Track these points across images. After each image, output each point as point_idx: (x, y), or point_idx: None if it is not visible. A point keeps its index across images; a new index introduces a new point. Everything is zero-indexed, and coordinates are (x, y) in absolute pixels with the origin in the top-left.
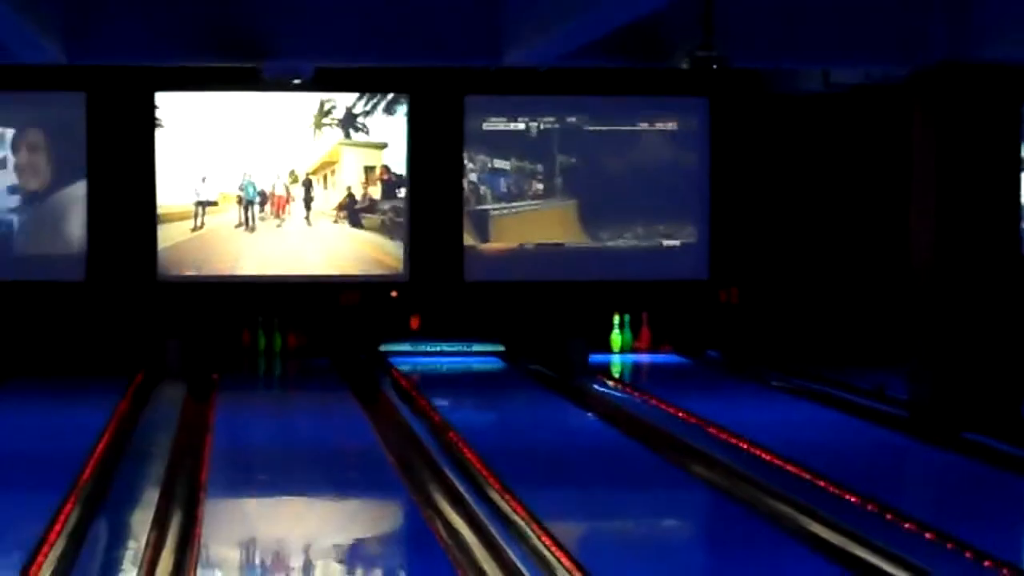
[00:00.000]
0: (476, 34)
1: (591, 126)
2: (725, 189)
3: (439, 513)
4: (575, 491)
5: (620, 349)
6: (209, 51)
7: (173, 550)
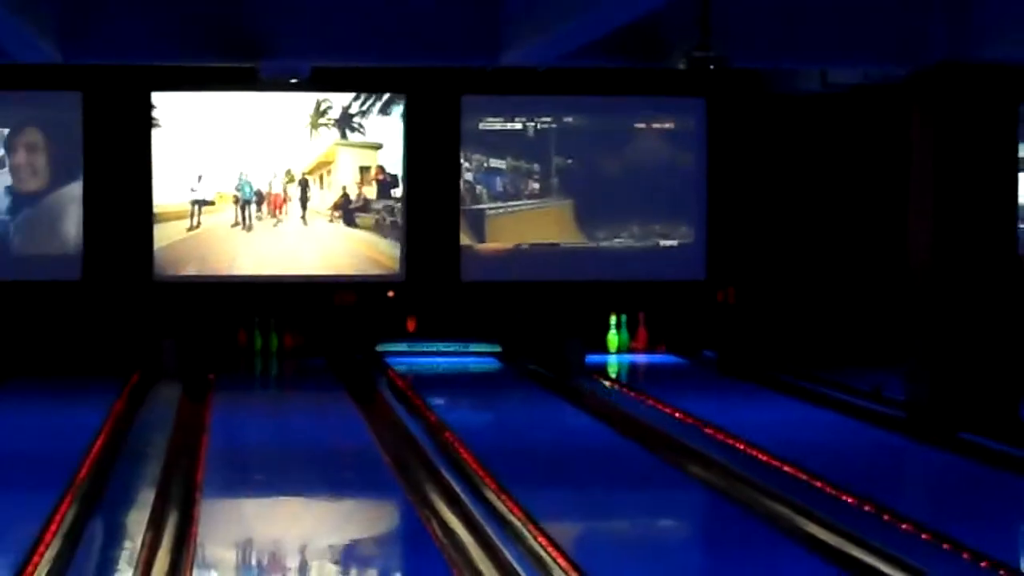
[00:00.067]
0: (473, 34)
1: (588, 126)
2: (722, 189)
3: (435, 513)
4: (572, 491)
5: (617, 349)
6: (206, 51)
7: (169, 550)
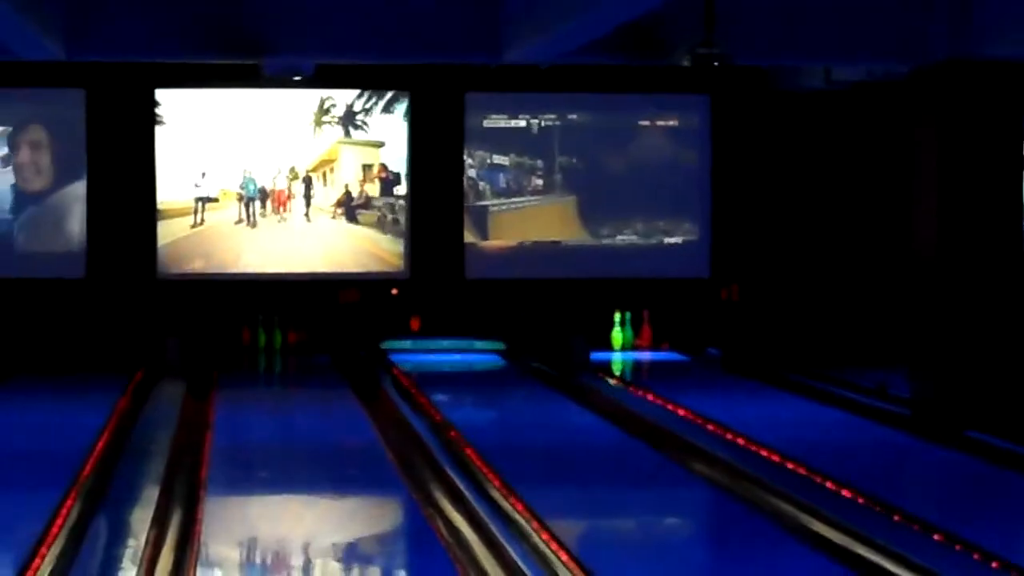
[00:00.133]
0: (477, 31)
1: (592, 123)
2: (726, 186)
3: (439, 511)
4: (576, 489)
5: (621, 347)
6: (210, 49)
7: (173, 548)
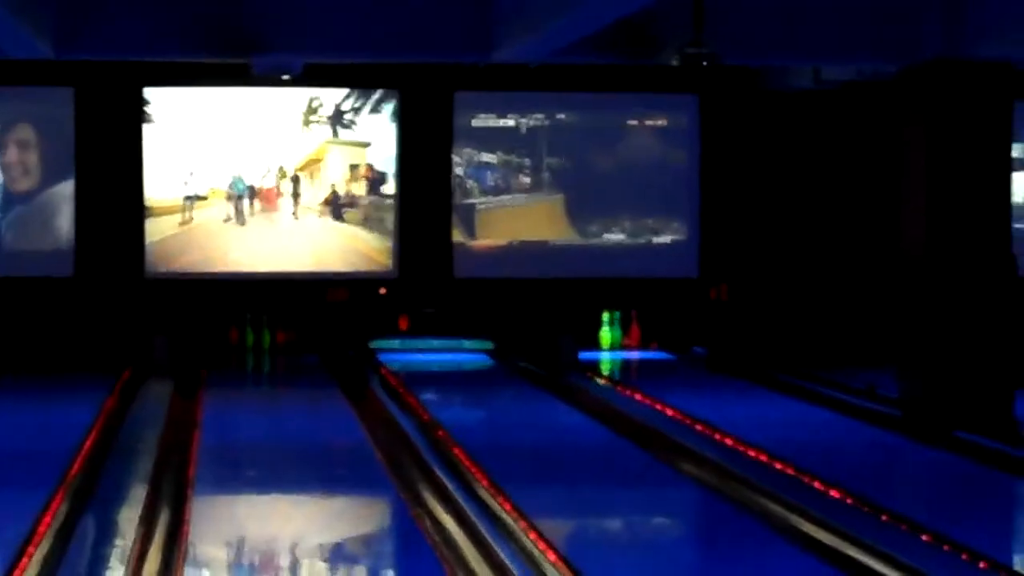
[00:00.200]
0: (465, 31)
1: (581, 123)
2: (715, 186)
3: (427, 510)
4: (564, 488)
5: (610, 346)
6: (199, 47)
7: (160, 547)
